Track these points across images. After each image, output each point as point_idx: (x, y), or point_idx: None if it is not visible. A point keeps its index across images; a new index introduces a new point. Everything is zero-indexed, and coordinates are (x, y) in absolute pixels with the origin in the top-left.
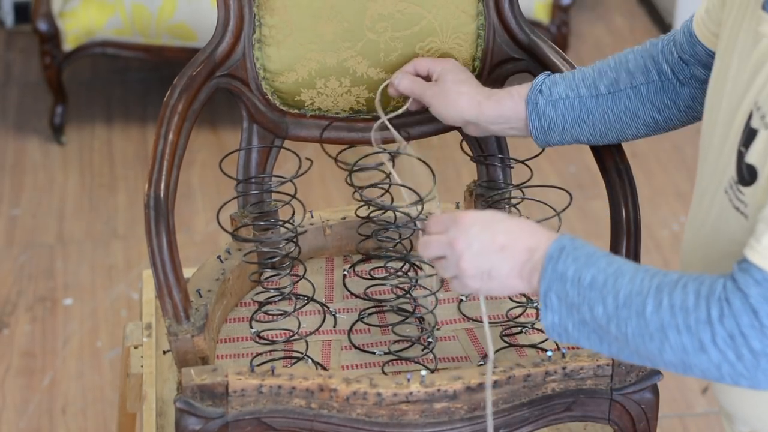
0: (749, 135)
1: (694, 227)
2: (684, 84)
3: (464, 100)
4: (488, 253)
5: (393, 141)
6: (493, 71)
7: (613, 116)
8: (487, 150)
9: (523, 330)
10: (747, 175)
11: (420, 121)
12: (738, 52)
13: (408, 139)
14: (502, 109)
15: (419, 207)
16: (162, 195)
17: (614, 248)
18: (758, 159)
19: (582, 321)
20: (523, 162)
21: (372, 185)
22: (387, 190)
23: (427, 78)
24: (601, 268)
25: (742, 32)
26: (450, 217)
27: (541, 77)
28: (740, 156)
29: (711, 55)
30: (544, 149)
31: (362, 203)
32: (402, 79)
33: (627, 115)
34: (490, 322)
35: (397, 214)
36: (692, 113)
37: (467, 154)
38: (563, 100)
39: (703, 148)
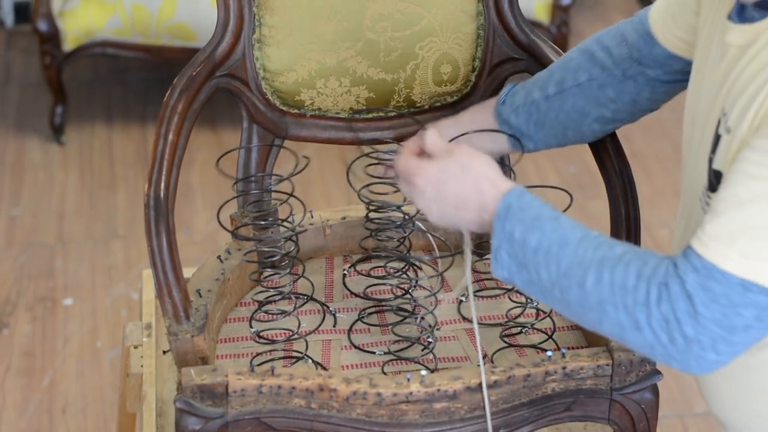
0: (716, 142)
1: (677, 236)
2: (629, 79)
3: (446, 123)
4: (446, 213)
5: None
6: (492, 71)
7: (564, 116)
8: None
9: (523, 330)
10: (715, 181)
11: (438, 117)
12: (710, 62)
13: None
14: (478, 119)
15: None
16: (162, 195)
17: None
18: (722, 163)
19: (529, 280)
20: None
21: (370, 184)
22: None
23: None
24: (546, 233)
25: (714, 44)
26: (407, 173)
27: (506, 89)
28: (710, 163)
29: (672, 57)
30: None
31: (365, 201)
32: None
33: (576, 112)
34: (490, 324)
35: (398, 213)
36: (638, 107)
37: None
38: (521, 106)
39: (683, 159)
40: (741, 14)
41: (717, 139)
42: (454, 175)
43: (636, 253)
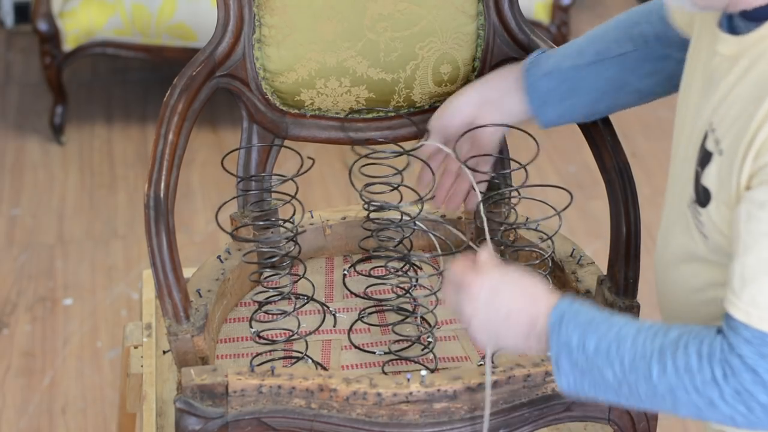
0: (704, 156)
1: (664, 238)
2: (664, 56)
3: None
4: (493, 321)
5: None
6: (492, 71)
7: (604, 83)
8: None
9: None
10: (702, 196)
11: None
12: (701, 65)
13: (429, 134)
14: (502, 82)
15: (419, 206)
16: (162, 195)
17: (614, 248)
18: (712, 184)
19: (595, 382)
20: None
21: (370, 183)
22: (396, 187)
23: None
24: (603, 333)
25: (702, 46)
26: (459, 278)
27: (534, 54)
28: (697, 176)
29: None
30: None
31: (365, 202)
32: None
33: (616, 81)
34: None
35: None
36: (674, 84)
37: (458, 159)
38: (557, 71)
39: (672, 159)
40: (730, 23)
41: (706, 155)
42: (510, 286)
43: (691, 333)
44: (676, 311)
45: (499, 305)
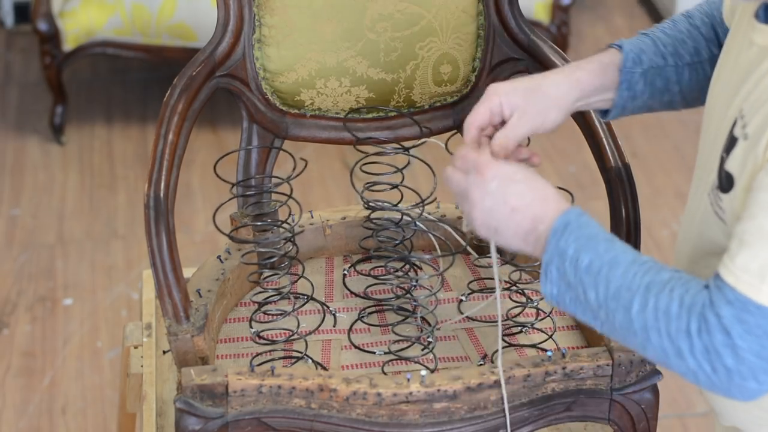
0: (730, 142)
1: (686, 223)
2: None
3: (562, 87)
4: (498, 212)
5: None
6: (492, 71)
7: (698, 84)
8: None
9: (523, 330)
10: (725, 182)
11: (438, 117)
12: (734, 56)
13: (430, 134)
14: (603, 79)
15: (420, 207)
16: (162, 195)
17: None
18: (736, 168)
19: (577, 299)
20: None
21: (371, 183)
22: (396, 186)
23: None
24: (599, 253)
25: (738, 37)
26: (474, 162)
27: (627, 47)
28: (721, 162)
29: None
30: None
31: (365, 202)
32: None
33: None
34: (489, 322)
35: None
36: None
37: (451, 153)
38: (654, 69)
39: (699, 148)
40: (766, 14)
41: (732, 140)
42: (525, 180)
43: (681, 279)
44: None
45: (507, 197)
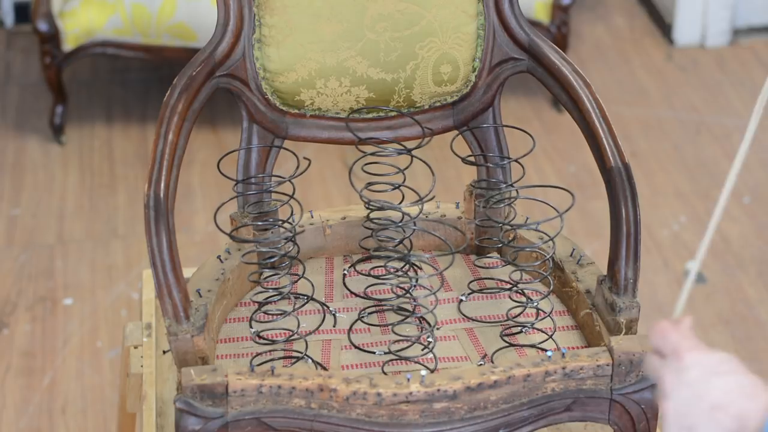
0: None
1: None
2: None
3: None
4: (695, 408)
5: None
6: (492, 71)
7: None
8: (487, 150)
9: (523, 330)
10: None
11: (438, 117)
12: None
13: (432, 134)
14: None
15: (420, 206)
16: (162, 195)
17: (614, 248)
18: None
19: None
20: (516, 160)
21: (371, 183)
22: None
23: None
24: None
25: None
26: (675, 343)
27: None
28: None
29: None
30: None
31: (365, 201)
32: None
33: None
34: (489, 322)
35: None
36: None
37: (457, 155)
38: None
39: None
40: None
41: None
42: (729, 372)
43: None
44: None
45: (707, 392)
